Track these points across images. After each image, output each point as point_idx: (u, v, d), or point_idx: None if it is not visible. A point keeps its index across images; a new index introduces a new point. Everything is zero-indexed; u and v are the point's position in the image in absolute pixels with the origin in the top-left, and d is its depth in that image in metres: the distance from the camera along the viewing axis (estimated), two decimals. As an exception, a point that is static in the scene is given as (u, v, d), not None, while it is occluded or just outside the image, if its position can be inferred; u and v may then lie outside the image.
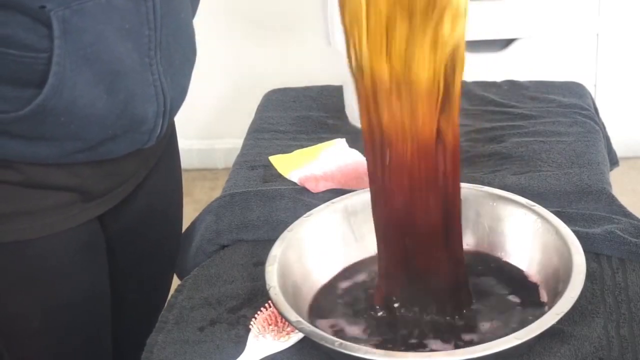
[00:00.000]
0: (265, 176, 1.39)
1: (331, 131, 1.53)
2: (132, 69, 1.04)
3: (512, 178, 1.31)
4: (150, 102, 1.08)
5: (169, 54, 1.09)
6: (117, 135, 1.08)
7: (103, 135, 1.07)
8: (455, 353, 0.91)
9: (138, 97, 1.07)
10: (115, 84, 1.03)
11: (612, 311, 1.03)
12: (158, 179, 1.27)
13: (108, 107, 1.04)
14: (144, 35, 1.04)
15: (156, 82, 1.08)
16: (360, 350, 0.90)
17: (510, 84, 1.66)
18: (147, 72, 1.06)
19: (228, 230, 1.25)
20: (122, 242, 1.26)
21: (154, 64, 1.07)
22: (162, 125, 1.13)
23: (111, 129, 1.07)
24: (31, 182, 1.08)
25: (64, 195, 1.11)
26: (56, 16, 0.96)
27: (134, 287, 1.32)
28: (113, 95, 1.04)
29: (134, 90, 1.06)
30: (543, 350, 0.97)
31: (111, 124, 1.06)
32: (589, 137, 1.44)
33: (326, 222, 1.13)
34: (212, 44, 2.72)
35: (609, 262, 1.12)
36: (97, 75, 1.01)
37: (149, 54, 1.06)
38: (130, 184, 1.20)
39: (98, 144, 1.08)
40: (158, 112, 1.10)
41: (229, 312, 1.09)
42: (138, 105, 1.07)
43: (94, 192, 1.14)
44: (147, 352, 1.04)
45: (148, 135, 1.12)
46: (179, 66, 1.13)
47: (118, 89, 1.04)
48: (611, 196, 1.26)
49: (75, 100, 1.01)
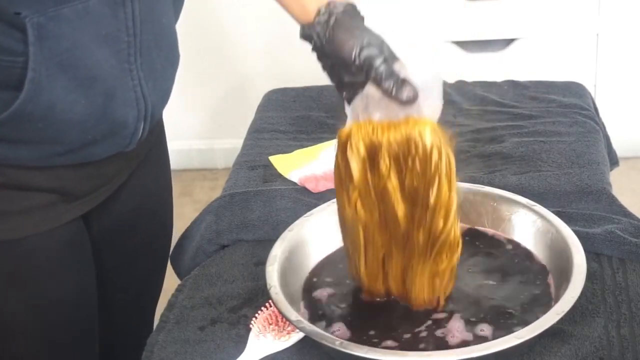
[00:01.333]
0: (265, 176, 1.39)
1: (331, 131, 1.53)
2: (111, 75, 1.04)
3: (512, 178, 1.31)
4: (131, 107, 1.08)
5: (150, 59, 1.09)
6: (97, 139, 1.07)
7: (83, 140, 1.06)
8: (455, 353, 0.91)
9: (118, 101, 1.06)
10: (93, 89, 1.03)
11: (613, 311, 1.03)
12: (144, 179, 1.27)
13: (86, 112, 1.03)
14: (122, 41, 1.03)
15: (136, 87, 1.07)
16: (360, 350, 0.90)
17: (510, 84, 1.67)
18: (127, 77, 1.06)
19: (228, 230, 1.25)
20: (108, 242, 1.26)
21: (134, 69, 1.06)
22: (143, 128, 1.12)
23: (91, 134, 1.06)
24: (13, 184, 1.08)
25: (46, 196, 1.11)
26: (31, 23, 0.95)
27: (123, 286, 1.32)
28: (91, 100, 1.03)
29: (113, 95, 1.05)
30: (543, 350, 0.97)
31: (90, 128, 1.05)
32: (589, 137, 1.44)
33: (326, 222, 1.13)
34: (212, 44, 2.73)
35: (609, 262, 1.12)
36: (74, 80, 1.00)
37: (129, 59, 1.05)
38: (112, 184, 1.20)
39: (78, 148, 1.07)
40: (139, 116, 1.09)
41: (230, 312, 1.09)
42: (118, 110, 1.06)
43: (75, 193, 1.14)
44: (148, 351, 1.04)
45: (129, 139, 1.11)
46: (160, 71, 1.13)
47: (96, 93, 1.03)
48: (611, 196, 1.26)
49: (52, 106, 1.00)
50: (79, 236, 1.19)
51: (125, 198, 1.24)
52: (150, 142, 1.24)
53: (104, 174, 1.16)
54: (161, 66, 1.12)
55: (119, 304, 1.32)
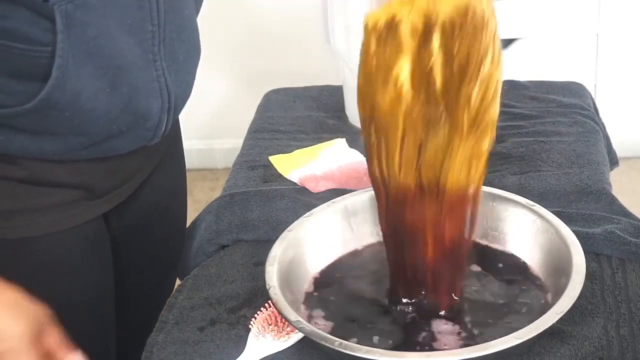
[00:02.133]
0: (265, 176, 1.39)
1: (331, 131, 1.53)
2: (135, 64, 1.05)
3: (512, 178, 1.31)
4: (155, 98, 1.09)
5: (172, 50, 1.10)
6: (122, 131, 1.08)
7: (107, 131, 1.07)
8: (455, 353, 0.91)
9: (142, 92, 1.07)
10: (118, 78, 1.04)
11: (612, 311, 1.03)
12: (163, 177, 1.28)
13: (111, 101, 1.04)
14: (147, 31, 1.05)
15: (160, 77, 1.08)
16: (360, 350, 0.90)
17: (510, 84, 1.66)
18: (151, 68, 1.07)
19: (228, 230, 1.25)
20: (127, 240, 1.26)
21: (158, 59, 1.07)
22: (166, 121, 1.13)
23: (115, 124, 1.07)
24: (35, 179, 1.08)
25: (68, 192, 1.11)
26: (59, 10, 0.96)
27: (138, 285, 1.32)
28: (116, 89, 1.04)
29: (138, 85, 1.06)
30: (543, 350, 0.97)
31: (115, 118, 1.06)
32: (589, 137, 1.44)
33: (326, 222, 1.13)
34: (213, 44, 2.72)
35: (608, 262, 1.12)
36: (99, 69, 1.01)
37: (153, 49, 1.06)
38: (134, 181, 1.20)
39: (102, 140, 1.08)
40: (162, 107, 1.10)
41: (229, 312, 1.09)
42: (142, 101, 1.07)
43: (98, 190, 1.14)
44: (147, 352, 1.04)
45: (153, 132, 1.12)
46: (182, 63, 1.14)
47: (121, 83, 1.04)
48: (611, 196, 1.26)
49: (78, 94, 1.01)
50: (100, 235, 1.20)
51: (145, 196, 1.25)
52: (169, 139, 1.25)
53: (127, 170, 1.17)
54: (183, 58, 1.13)
55: (133, 302, 1.32)
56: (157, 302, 1.33)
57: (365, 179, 1.35)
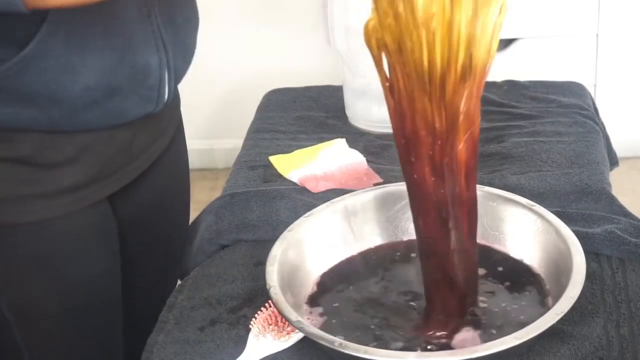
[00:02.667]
0: (265, 176, 1.39)
1: (331, 131, 1.53)
2: (127, 16, 1.06)
3: (512, 178, 1.31)
4: (152, 53, 1.10)
5: (168, 9, 1.11)
6: (123, 87, 1.09)
7: (106, 84, 1.07)
8: (455, 353, 0.91)
9: (138, 45, 1.08)
10: (110, 27, 1.05)
11: (612, 311, 1.03)
12: (170, 158, 1.29)
13: (103, 50, 1.05)
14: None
15: (155, 33, 1.09)
16: (360, 350, 0.90)
17: (510, 84, 1.67)
18: (146, 22, 1.08)
19: (228, 230, 1.25)
20: (133, 225, 1.28)
21: (153, 14, 1.09)
22: (168, 82, 1.14)
23: (113, 78, 1.07)
24: (44, 159, 1.09)
25: (73, 173, 1.12)
26: None
27: (144, 275, 1.34)
28: (109, 38, 1.05)
29: (132, 37, 1.07)
30: (543, 350, 0.98)
31: (111, 70, 1.06)
32: (589, 137, 1.44)
33: (326, 222, 1.13)
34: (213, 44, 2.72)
35: (608, 262, 1.12)
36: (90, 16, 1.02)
37: (147, 2, 1.08)
38: (143, 160, 1.21)
39: (104, 98, 1.08)
40: (161, 64, 1.11)
41: (229, 312, 1.09)
42: (139, 54, 1.08)
43: (106, 167, 1.15)
44: (147, 352, 1.04)
45: (157, 93, 1.13)
46: (181, 24, 1.15)
47: (113, 33, 1.05)
48: (611, 196, 1.26)
49: (69, 39, 1.02)
50: (105, 220, 1.21)
51: (152, 179, 1.26)
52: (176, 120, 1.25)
53: (134, 145, 1.17)
54: (181, 19, 1.15)
55: (138, 292, 1.33)
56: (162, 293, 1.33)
57: (365, 179, 1.35)
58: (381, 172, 1.36)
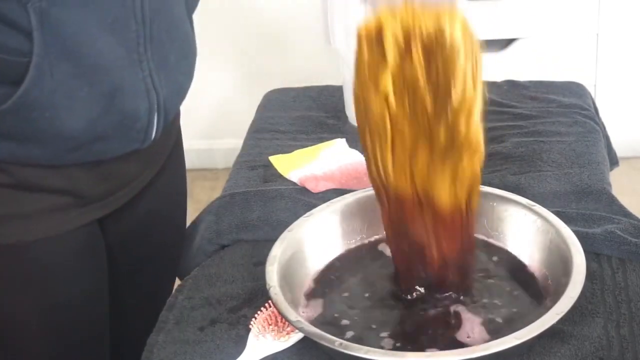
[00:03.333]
0: (265, 176, 1.39)
1: (331, 131, 1.53)
2: (118, 64, 1.03)
3: (512, 178, 1.31)
4: (141, 99, 1.07)
5: (162, 50, 1.08)
6: (109, 134, 1.06)
7: (92, 133, 1.05)
8: (455, 353, 0.91)
9: (126, 93, 1.05)
10: (97, 77, 1.02)
11: (612, 311, 1.03)
12: (163, 183, 1.27)
13: (91, 100, 1.02)
14: (131, 30, 1.02)
15: (147, 78, 1.06)
16: (360, 350, 0.90)
17: (510, 84, 1.66)
18: (137, 68, 1.05)
19: (228, 230, 1.25)
20: (124, 246, 1.26)
21: (144, 60, 1.05)
22: (157, 123, 1.11)
23: (100, 125, 1.05)
24: (24, 185, 1.07)
25: (58, 198, 1.10)
26: (33, 8, 0.94)
27: (135, 290, 1.32)
28: (96, 88, 1.02)
29: (121, 86, 1.04)
30: (543, 350, 0.97)
31: (97, 118, 1.04)
32: (589, 137, 1.44)
33: (326, 222, 1.13)
34: (212, 44, 2.72)
35: (609, 262, 1.12)
36: (77, 67, 1.00)
37: (138, 49, 1.04)
38: (133, 187, 1.19)
39: (88, 142, 1.06)
40: (150, 109, 1.08)
41: (229, 312, 1.09)
42: (127, 101, 1.05)
43: (89, 195, 1.13)
44: (147, 351, 1.04)
45: (143, 134, 1.10)
46: (174, 63, 1.12)
47: (100, 82, 1.02)
48: (611, 196, 1.26)
49: (54, 92, 0.99)
50: (94, 241, 1.19)
51: (144, 202, 1.24)
52: (169, 146, 1.23)
53: (120, 176, 1.15)
54: (175, 58, 1.11)
55: (129, 307, 1.32)
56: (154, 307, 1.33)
57: (365, 179, 1.34)
58: (381, 172, 1.36)
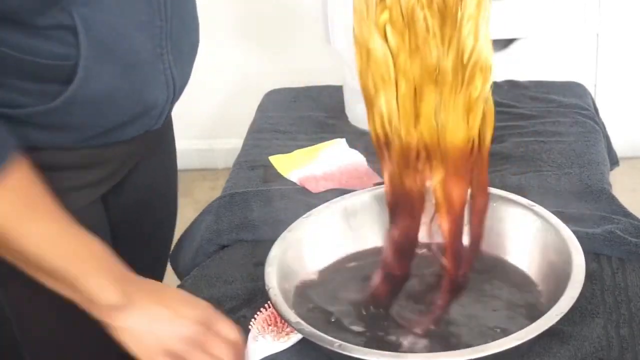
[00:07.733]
0: (265, 176, 1.39)
1: (331, 131, 1.53)
2: (145, 60, 1.08)
3: (512, 178, 1.31)
4: (161, 90, 1.11)
5: (178, 43, 1.13)
6: (132, 120, 1.11)
7: (120, 121, 1.10)
8: (455, 353, 0.91)
9: (150, 85, 1.10)
10: (133, 73, 1.07)
11: (612, 311, 1.03)
12: (157, 158, 1.30)
13: (126, 95, 1.07)
14: (156, 26, 1.07)
15: (166, 70, 1.11)
16: (359, 352, 0.90)
17: (510, 84, 1.67)
18: (159, 62, 1.09)
19: (228, 230, 1.25)
20: (122, 224, 1.28)
21: (165, 53, 1.10)
22: (170, 109, 1.17)
23: (127, 116, 1.10)
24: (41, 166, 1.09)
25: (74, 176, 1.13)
26: (77, 14, 0.99)
27: None
28: (130, 84, 1.07)
29: (147, 79, 1.09)
30: (543, 351, 0.97)
31: (127, 110, 1.09)
32: (589, 137, 1.44)
33: (326, 222, 1.13)
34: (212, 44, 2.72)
35: (609, 262, 1.12)
36: (117, 66, 1.05)
37: (161, 44, 1.09)
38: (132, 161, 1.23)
39: (114, 129, 1.11)
40: (167, 99, 1.13)
41: (229, 313, 1.09)
42: (151, 93, 1.10)
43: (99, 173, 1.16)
44: (147, 352, 1.04)
45: (156, 119, 1.15)
46: (186, 54, 1.17)
47: (135, 78, 1.07)
48: (611, 196, 1.26)
49: (100, 90, 1.04)
50: (99, 220, 1.21)
51: (141, 174, 1.26)
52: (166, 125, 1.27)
53: (125, 154, 1.19)
54: (187, 50, 1.17)
55: None
56: None
57: (366, 179, 1.35)
58: (381, 172, 1.36)
